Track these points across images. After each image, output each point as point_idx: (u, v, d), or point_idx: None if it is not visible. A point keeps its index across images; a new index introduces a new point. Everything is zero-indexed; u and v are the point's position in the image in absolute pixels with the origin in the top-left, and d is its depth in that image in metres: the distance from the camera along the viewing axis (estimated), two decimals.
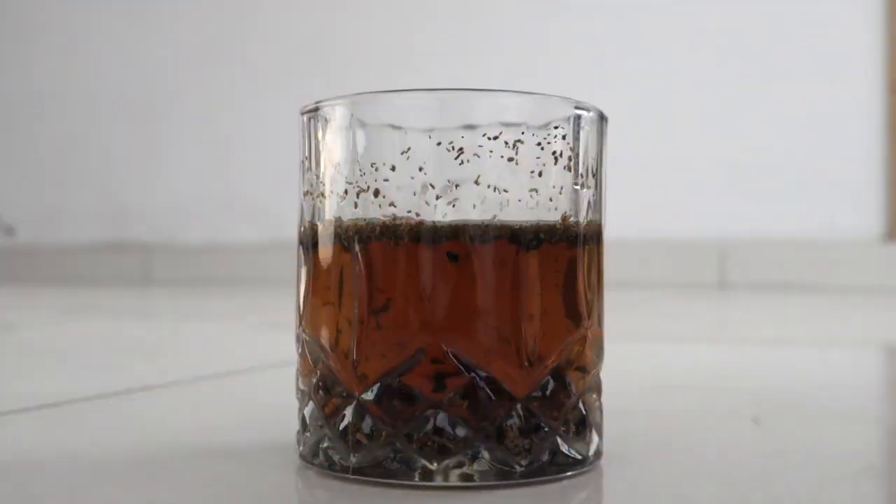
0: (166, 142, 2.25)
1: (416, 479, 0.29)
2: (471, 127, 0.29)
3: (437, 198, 0.29)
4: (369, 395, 0.29)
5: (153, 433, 0.39)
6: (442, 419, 0.29)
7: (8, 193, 2.43)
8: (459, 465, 0.29)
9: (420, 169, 0.29)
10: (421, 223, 0.29)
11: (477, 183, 0.29)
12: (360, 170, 0.30)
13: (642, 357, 0.69)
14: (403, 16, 2.00)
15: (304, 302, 0.32)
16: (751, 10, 1.69)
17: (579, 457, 0.31)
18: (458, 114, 0.30)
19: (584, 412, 0.31)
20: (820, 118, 1.68)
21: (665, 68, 1.70)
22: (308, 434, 0.32)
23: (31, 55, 2.41)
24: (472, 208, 0.29)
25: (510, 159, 0.30)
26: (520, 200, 0.30)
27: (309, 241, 0.32)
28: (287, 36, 2.12)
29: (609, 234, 0.35)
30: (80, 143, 2.34)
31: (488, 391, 0.29)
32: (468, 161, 0.29)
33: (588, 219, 0.32)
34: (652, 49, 1.70)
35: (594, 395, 0.32)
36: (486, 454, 0.29)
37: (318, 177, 0.32)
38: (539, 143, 0.30)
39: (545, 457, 0.30)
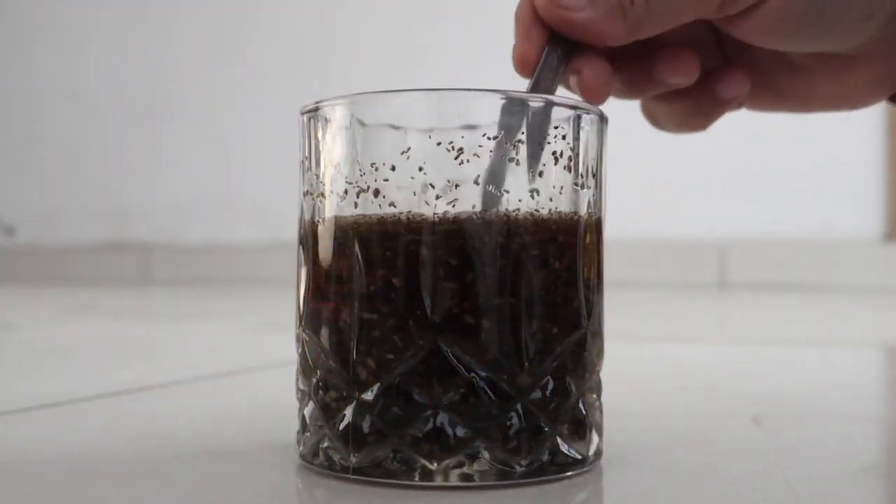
0: (166, 142, 2.25)
1: (416, 479, 0.29)
2: (471, 127, 0.29)
3: (437, 198, 0.29)
4: (369, 395, 0.29)
5: (153, 433, 0.39)
6: (442, 419, 0.29)
7: (8, 193, 2.43)
8: (459, 465, 0.29)
9: (420, 169, 0.29)
10: (421, 223, 0.29)
11: (477, 183, 0.29)
12: (360, 170, 0.30)
13: (642, 357, 0.69)
14: (403, 16, 2.00)
15: (304, 302, 0.32)
16: None
17: (579, 457, 0.31)
18: (458, 114, 0.30)
19: (584, 412, 0.31)
20: (820, 118, 1.68)
21: None
22: (308, 434, 0.32)
23: (31, 55, 2.41)
24: (471, 208, 0.29)
25: (510, 159, 0.30)
26: (520, 200, 0.30)
27: (309, 241, 0.32)
28: (287, 36, 2.12)
29: (609, 234, 0.35)
30: (80, 143, 2.34)
31: (488, 391, 0.29)
32: (468, 161, 0.29)
33: (588, 219, 0.32)
34: None
35: (594, 395, 0.32)
36: (486, 454, 0.29)
37: (318, 177, 0.32)
38: (539, 143, 0.30)
39: (545, 457, 0.30)
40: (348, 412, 0.30)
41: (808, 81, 0.39)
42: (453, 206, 0.29)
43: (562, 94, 0.35)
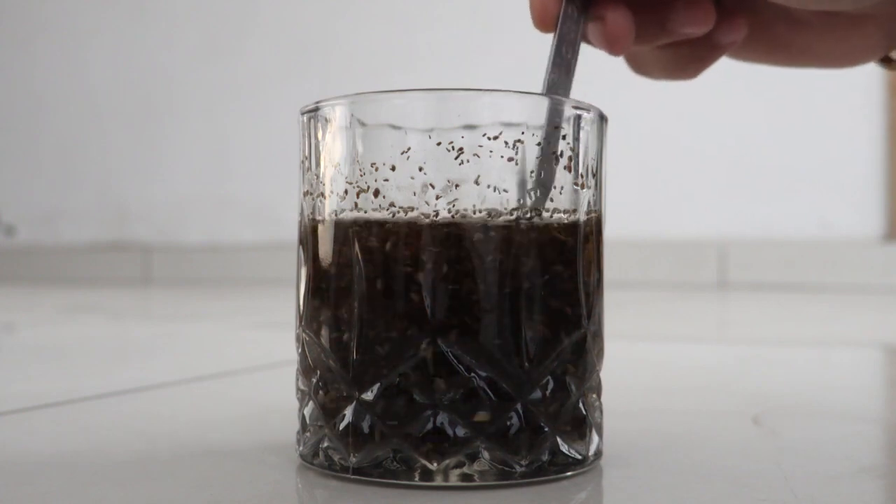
0: (166, 142, 2.25)
1: (416, 479, 0.29)
2: (471, 127, 0.29)
3: (437, 198, 0.29)
4: (369, 395, 0.29)
5: (153, 433, 0.39)
6: (442, 419, 0.29)
7: (8, 193, 2.43)
8: (459, 465, 0.29)
9: (420, 169, 0.29)
10: (420, 223, 0.29)
11: (477, 183, 0.29)
12: (360, 170, 0.30)
13: (642, 357, 0.69)
14: (403, 16, 2.00)
15: (304, 302, 0.32)
16: None
17: (579, 457, 0.31)
18: (458, 114, 0.29)
19: (584, 412, 0.31)
20: (820, 118, 1.68)
21: None
22: (308, 434, 0.32)
23: (31, 55, 2.41)
24: (472, 208, 0.29)
25: (510, 159, 0.30)
26: (520, 200, 0.30)
27: (309, 241, 0.32)
28: (287, 36, 2.12)
29: (609, 233, 0.35)
30: (80, 143, 2.34)
31: (488, 391, 0.29)
32: (468, 161, 0.29)
33: (588, 218, 0.32)
34: None
35: (594, 395, 0.32)
36: (486, 454, 0.29)
37: (318, 177, 0.32)
38: (539, 143, 0.30)
39: (545, 457, 0.30)
40: (348, 412, 0.30)
41: (807, 36, 0.37)
42: (453, 205, 0.29)
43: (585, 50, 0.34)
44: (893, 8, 0.35)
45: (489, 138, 0.29)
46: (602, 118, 0.32)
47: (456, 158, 0.29)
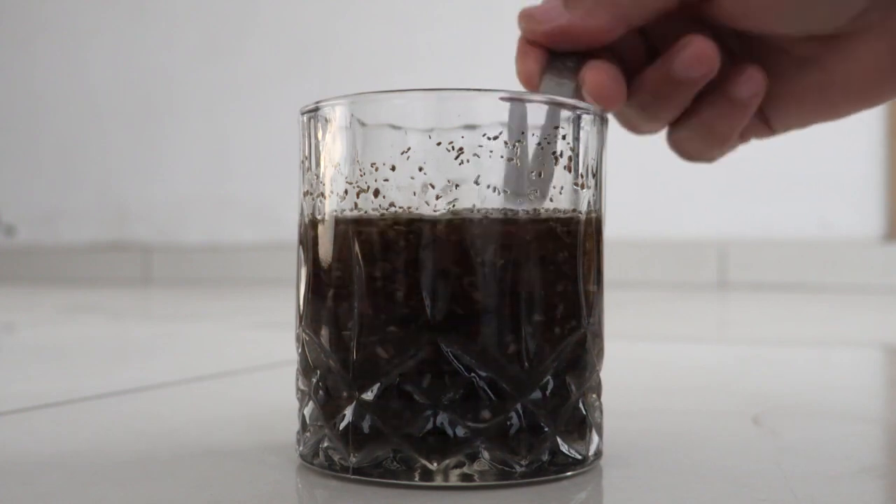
0: (166, 142, 2.25)
1: (416, 479, 0.29)
2: (471, 127, 0.29)
3: (437, 198, 0.29)
4: (369, 395, 0.29)
5: (153, 433, 0.39)
6: (442, 419, 0.29)
7: (8, 193, 2.43)
8: (459, 465, 0.29)
9: (420, 169, 0.29)
10: (420, 223, 0.29)
11: (477, 183, 0.29)
12: (360, 170, 0.30)
13: (642, 357, 0.69)
14: (403, 16, 2.00)
15: (304, 302, 0.32)
16: None
17: (579, 457, 0.31)
18: (458, 114, 0.30)
19: (584, 412, 0.31)
20: None
21: None
22: (308, 434, 0.32)
23: (31, 55, 2.41)
24: (472, 208, 0.29)
25: (510, 159, 0.30)
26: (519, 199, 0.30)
27: (309, 241, 0.32)
28: (287, 36, 2.12)
29: (609, 233, 0.35)
30: (80, 143, 2.34)
31: (488, 391, 0.29)
32: (468, 161, 0.29)
33: (588, 218, 0.32)
34: None
35: (594, 395, 0.32)
36: (486, 454, 0.29)
37: (318, 177, 0.32)
38: (539, 143, 0.30)
39: (545, 457, 0.30)
40: (348, 412, 0.30)
41: (819, 72, 0.37)
42: (453, 206, 0.29)
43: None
44: (887, 18, 0.34)
45: (489, 138, 0.29)
46: (602, 118, 0.32)
47: (456, 158, 0.29)
